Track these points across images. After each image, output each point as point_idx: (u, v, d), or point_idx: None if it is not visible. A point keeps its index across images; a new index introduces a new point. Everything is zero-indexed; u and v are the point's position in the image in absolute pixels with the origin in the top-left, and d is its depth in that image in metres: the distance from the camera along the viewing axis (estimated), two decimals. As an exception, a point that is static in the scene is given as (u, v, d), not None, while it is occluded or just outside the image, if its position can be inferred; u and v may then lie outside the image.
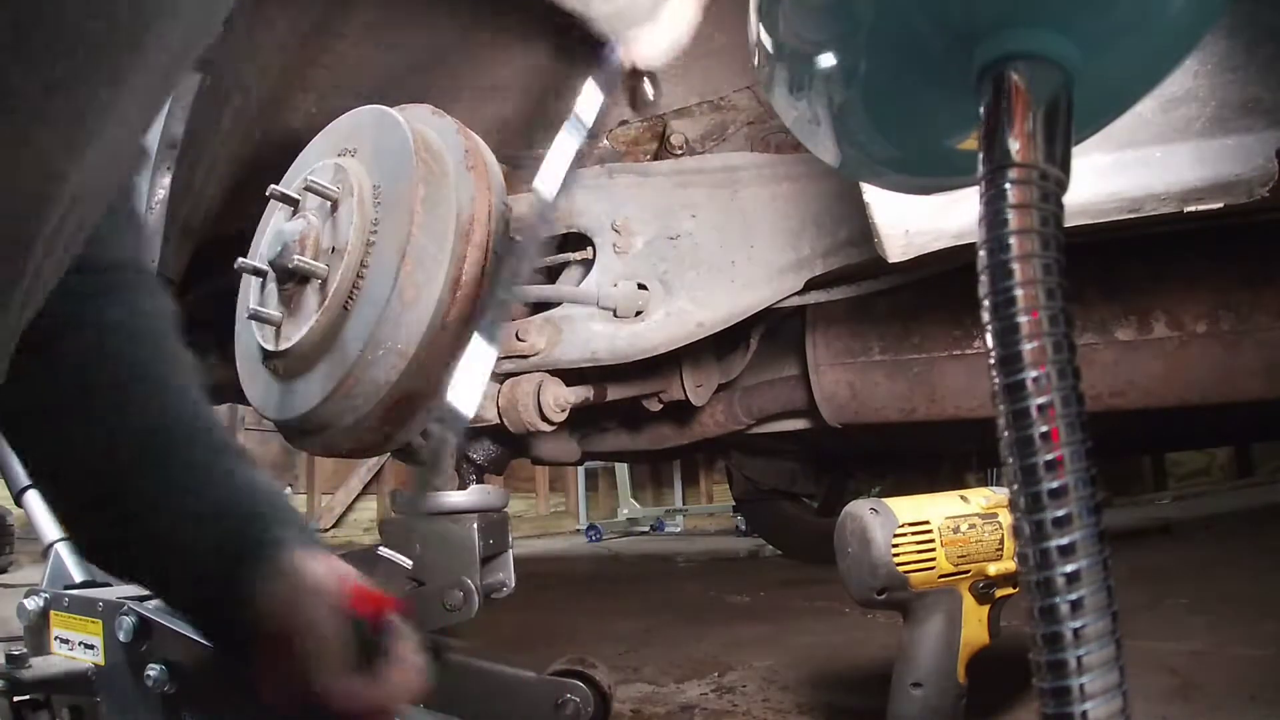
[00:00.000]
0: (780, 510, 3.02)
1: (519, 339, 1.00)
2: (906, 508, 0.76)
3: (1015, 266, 0.32)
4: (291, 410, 0.87)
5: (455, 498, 0.92)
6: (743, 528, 4.62)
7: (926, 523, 0.75)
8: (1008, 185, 0.33)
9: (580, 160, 0.60)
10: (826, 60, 0.43)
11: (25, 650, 0.99)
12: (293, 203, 0.90)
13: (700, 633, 1.72)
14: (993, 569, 0.78)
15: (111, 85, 0.36)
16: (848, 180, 0.90)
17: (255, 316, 0.88)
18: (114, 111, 0.37)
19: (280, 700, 0.55)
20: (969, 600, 0.79)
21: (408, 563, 0.81)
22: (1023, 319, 0.32)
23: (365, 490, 5.09)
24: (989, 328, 0.33)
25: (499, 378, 1.02)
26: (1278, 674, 1.09)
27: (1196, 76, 0.70)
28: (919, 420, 1.30)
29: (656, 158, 1.13)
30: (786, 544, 3.13)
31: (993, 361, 0.32)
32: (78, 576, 1.12)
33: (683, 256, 1.03)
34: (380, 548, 0.86)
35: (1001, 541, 0.79)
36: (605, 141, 1.19)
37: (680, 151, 1.13)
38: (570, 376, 1.04)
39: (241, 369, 0.96)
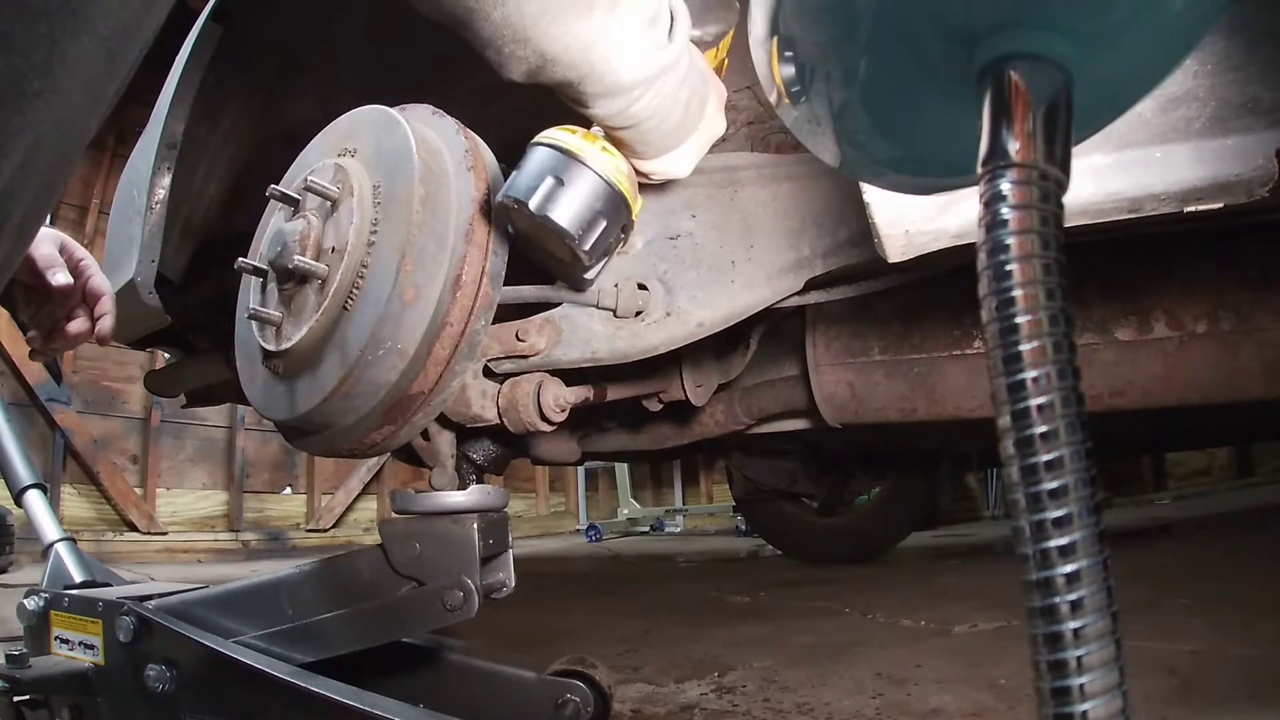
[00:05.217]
0: (780, 510, 3.02)
1: (519, 339, 0.99)
2: None
3: (1015, 267, 0.32)
4: (291, 410, 0.87)
5: (455, 498, 0.92)
6: (743, 528, 4.63)
7: None
8: (1008, 186, 0.33)
9: None
10: (827, 61, 0.43)
11: (25, 650, 0.99)
12: (293, 203, 0.90)
13: (700, 633, 1.72)
14: None
15: (50, 43, 0.36)
16: (848, 180, 0.90)
17: (255, 316, 0.88)
18: (54, 74, 0.38)
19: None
20: None
21: None
22: (1023, 319, 0.32)
23: (365, 490, 5.10)
24: (989, 328, 0.33)
25: (499, 378, 1.02)
26: (1278, 674, 1.09)
27: (1196, 76, 0.70)
28: (919, 420, 1.30)
29: (656, 158, 1.12)
30: (786, 544, 3.14)
31: (993, 362, 0.32)
32: (78, 576, 1.13)
33: (683, 256, 1.03)
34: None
35: None
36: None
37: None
38: (570, 376, 1.04)
39: (241, 369, 0.95)
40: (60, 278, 0.91)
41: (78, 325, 0.98)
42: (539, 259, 0.87)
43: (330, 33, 1.21)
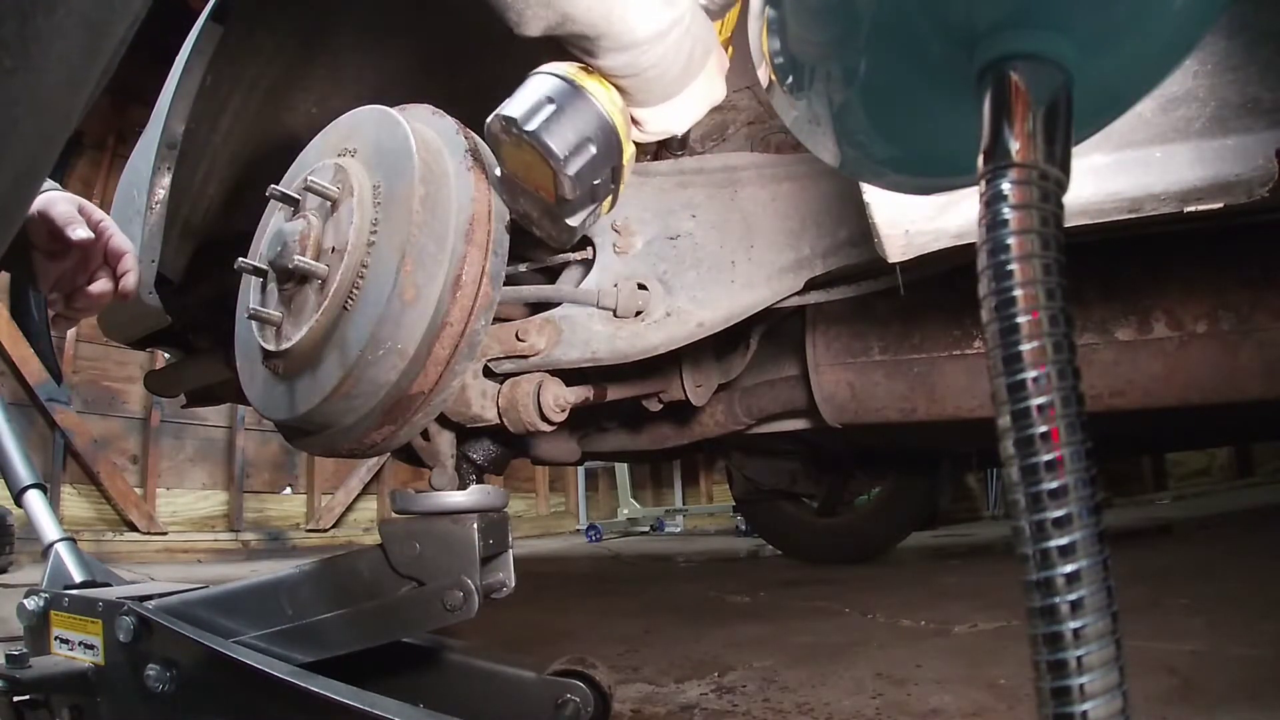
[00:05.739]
0: (780, 510, 3.02)
1: (519, 339, 0.99)
2: None
3: (1015, 267, 0.32)
4: (291, 410, 0.87)
5: (455, 498, 0.92)
6: (743, 528, 4.63)
7: None
8: (1008, 185, 0.33)
9: None
10: (827, 61, 0.43)
11: (25, 650, 0.99)
12: (293, 203, 0.90)
13: (700, 633, 1.72)
14: None
15: (20, 17, 0.36)
16: (848, 180, 0.90)
17: (255, 316, 0.88)
18: (28, 51, 0.37)
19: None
20: None
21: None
22: (1023, 319, 0.32)
23: (365, 490, 5.09)
24: (989, 328, 0.33)
25: (499, 378, 1.02)
26: (1278, 674, 1.09)
27: (1196, 76, 0.70)
28: (919, 420, 1.30)
29: (656, 158, 1.13)
30: (786, 544, 3.14)
31: (993, 361, 0.32)
32: (78, 576, 1.13)
33: (683, 256, 1.03)
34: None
35: None
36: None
37: (680, 152, 1.13)
38: (570, 376, 1.04)
39: (241, 369, 0.95)
40: (80, 232, 0.89)
41: (100, 285, 0.96)
42: (523, 211, 0.82)
43: (330, 32, 1.21)
